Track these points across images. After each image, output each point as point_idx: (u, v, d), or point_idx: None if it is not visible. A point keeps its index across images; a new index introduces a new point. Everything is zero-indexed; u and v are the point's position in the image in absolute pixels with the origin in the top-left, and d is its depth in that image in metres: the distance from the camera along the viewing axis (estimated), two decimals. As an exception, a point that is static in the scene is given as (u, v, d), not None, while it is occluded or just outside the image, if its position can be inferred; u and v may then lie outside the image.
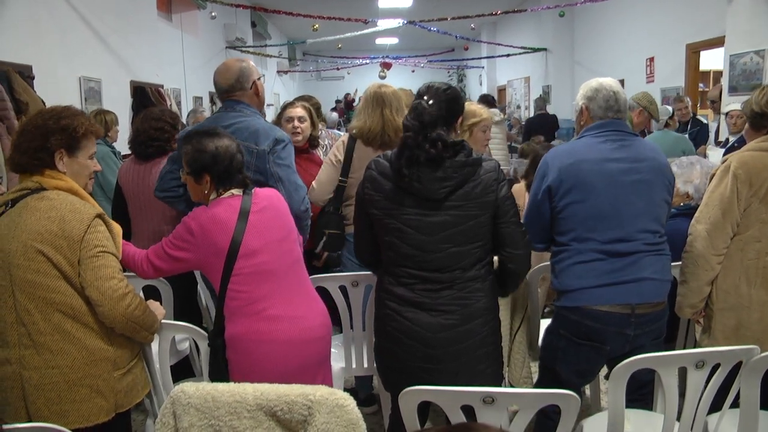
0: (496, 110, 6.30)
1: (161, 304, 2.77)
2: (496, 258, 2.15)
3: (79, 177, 1.96)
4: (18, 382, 1.82)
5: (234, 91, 2.61)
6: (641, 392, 2.35)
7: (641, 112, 4.91)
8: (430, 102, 1.99)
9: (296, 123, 3.38)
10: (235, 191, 2.11)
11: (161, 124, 3.16)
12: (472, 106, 3.53)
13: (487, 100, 7.07)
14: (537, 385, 2.50)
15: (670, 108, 5.79)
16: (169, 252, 2.10)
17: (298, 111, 3.43)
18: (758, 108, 2.40)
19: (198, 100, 8.65)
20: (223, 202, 2.09)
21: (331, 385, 2.24)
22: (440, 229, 1.98)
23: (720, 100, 5.68)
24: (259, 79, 2.67)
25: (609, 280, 2.15)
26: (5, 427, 1.61)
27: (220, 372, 2.11)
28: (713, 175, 2.40)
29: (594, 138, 2.26)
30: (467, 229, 1.99)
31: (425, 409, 1.93)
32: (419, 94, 2.05)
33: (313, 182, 3.01)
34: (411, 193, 1.98)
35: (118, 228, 2.01)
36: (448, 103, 2.01)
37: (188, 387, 1.59)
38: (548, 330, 2.36)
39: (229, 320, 2.08)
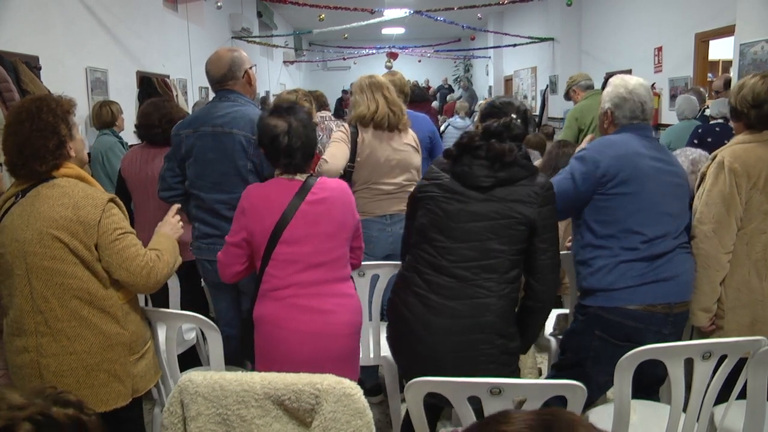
0: None
1: (168, 294, 2.79)
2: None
3: (82, 152, 2.02)
4: (36, 369, 1.85)
5: (226, 80, 2.60)
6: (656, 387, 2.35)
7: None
8: (518, 121, 2.10)
9: None
10: (299, 176, 2.12)
11: (172, 110, 3.20)
12: None
13: None
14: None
15: (694, 99, 5.71)
16: (228, 240, 2.14)
17: (291, 99, 3.49)
18: (733, 102, 2.38)
19: (204, 90, 8.63)
20: (280, 182, 2.11)
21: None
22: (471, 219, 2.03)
23: (723, 90, 5.64)
24: (251, 68, 2.66)
25: (649, 278, 2.14)
26: None
27: (247, 352, 2.16)
28: (703, 174, 2.37)
29: (634, 135, 2.27)
30: (499, 227, 2.01)
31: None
32: (503, 111, 2.13)
33: (324, 156, 2.95)
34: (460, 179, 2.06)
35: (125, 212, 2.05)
36: (526, 120, 2.16)
37: (196, 376, 1.60)
38: (576, 330, 2.29)
39: (259, 301, 2.11)
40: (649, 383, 2.22)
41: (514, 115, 2.09)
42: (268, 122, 2.11)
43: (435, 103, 13.17)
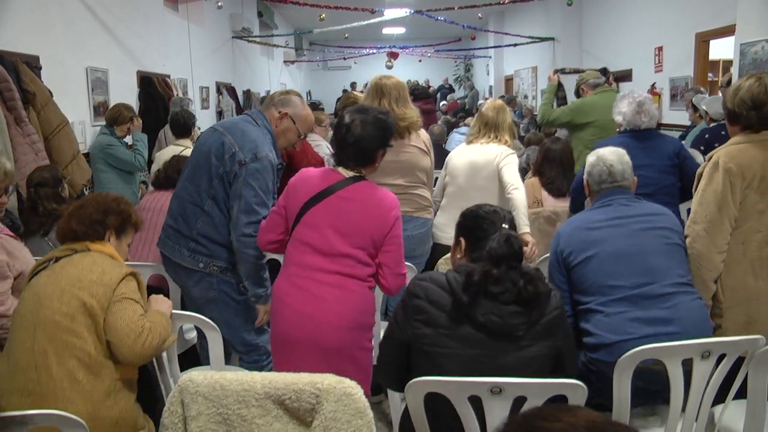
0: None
1: (169, 294, 2.79)
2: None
3: (119, 258, 2.14)
4: None
5: (267, 104, 2.69)
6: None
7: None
8: (512, 231, 1.83)
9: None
10: (344, 171, 2.21)
11: None
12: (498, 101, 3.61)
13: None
14: None
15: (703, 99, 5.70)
16: (272, 209, 2.33)
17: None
18: (731, 105, 2.38)
19: (204, 90, 8.64)
20: (327, 171, 2.26)
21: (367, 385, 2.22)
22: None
23: (726, 86, 5.64)
24: (289, 118, 2.60)
25: (650, 330, 2.01)
26: (16, 414, 1.62)
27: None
28: (701, 174, 2.39)
29: (600, 207, 2.33)
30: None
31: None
32: (483, 221, 1.88)
33: None
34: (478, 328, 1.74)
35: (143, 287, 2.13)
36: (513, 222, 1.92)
37: (196, 375, 1.60)
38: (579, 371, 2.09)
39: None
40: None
41: (505, 225, 1.84)
42: (341, 114, 2.28)
43: (443, 103, 13.16)
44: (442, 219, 3.35)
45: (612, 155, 2.40)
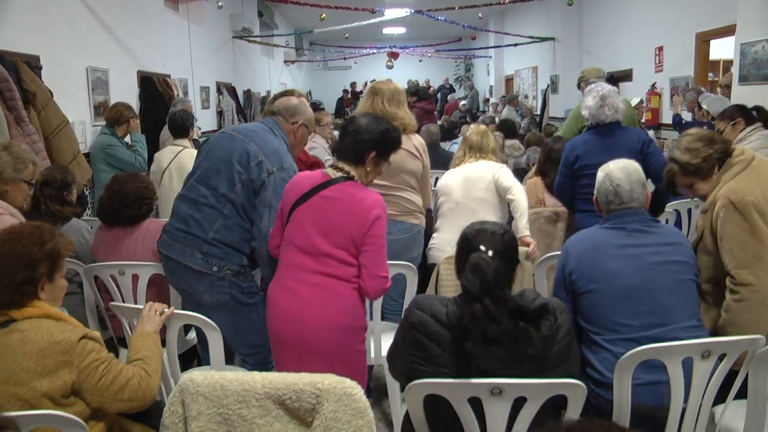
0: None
1: (169, 293, 2.79)
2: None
3: (57, 300, 1.85)
4: None
5: (278, 114, 2.68)
6: None
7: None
8: (490, 253, 1.69)
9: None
10: (332, 172, 2.24)
11: (146, 183, 3.06)
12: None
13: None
14: None
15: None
16: (276, 214, 2.35)
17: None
18: (695, 160, 2.34)
19: (204, 90, 8.64)
20: (317, 172, 2.29)
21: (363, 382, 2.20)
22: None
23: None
24: (303, 126, 2.69)
25: (656, 377, 1.93)
26: (13, 414, 1.59)
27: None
28: (703, 226, 2.32)
29: (613, 229, 2.19)
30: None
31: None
32: (470, 244, 1.75)
33: None
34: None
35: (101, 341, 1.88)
36: (508, 251, 1.75)
37: (197, 375, 1.61)
38: None
39: None
40: None
41: (482, 247, 1.69)
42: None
43: (463, 103, 13.15)
44: (438, 240, 3.35)
45: (620, 172, 2.23)
